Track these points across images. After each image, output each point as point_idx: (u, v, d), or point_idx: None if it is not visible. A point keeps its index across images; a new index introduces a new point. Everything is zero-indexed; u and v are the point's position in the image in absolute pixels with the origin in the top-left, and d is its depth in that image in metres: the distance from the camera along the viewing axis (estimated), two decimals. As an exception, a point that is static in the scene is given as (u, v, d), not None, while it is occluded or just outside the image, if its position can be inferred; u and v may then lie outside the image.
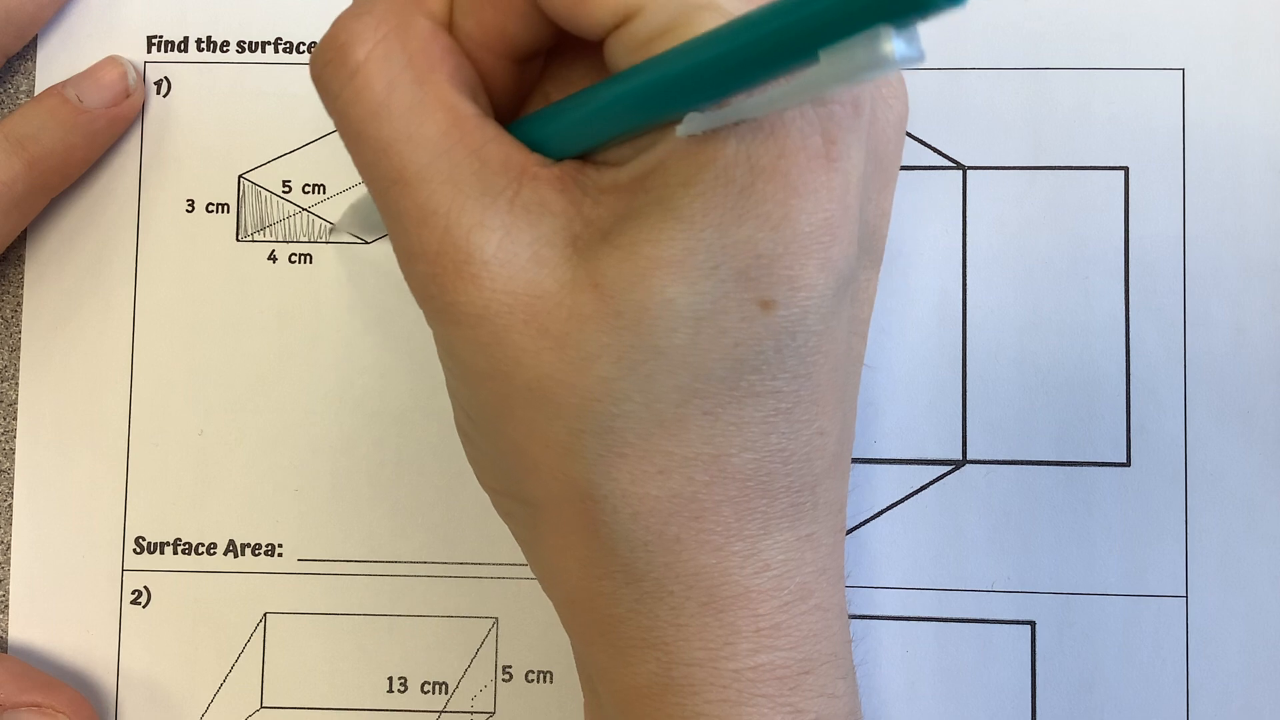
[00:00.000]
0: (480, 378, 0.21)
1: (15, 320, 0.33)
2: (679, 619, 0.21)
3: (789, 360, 0.20)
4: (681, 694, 0.21)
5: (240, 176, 0.33)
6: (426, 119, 0.21)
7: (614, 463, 0.21)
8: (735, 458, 0.21)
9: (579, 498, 0.21)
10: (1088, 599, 0.31)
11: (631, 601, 0.22)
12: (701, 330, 0.20)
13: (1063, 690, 0.31)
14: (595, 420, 0.20)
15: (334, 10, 0.32)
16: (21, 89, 0.33)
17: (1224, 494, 0.31)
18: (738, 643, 0.21)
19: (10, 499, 0.32)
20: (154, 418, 0.32)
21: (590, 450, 0.21)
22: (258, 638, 0.32)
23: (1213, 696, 0.30)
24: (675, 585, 0.21)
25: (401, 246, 0.22)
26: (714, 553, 0.21)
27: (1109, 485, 0.31)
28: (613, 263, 0.20)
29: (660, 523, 0.21)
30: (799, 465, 0.21)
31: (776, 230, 0.19)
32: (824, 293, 0.20)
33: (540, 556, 0.23)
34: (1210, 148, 0.31)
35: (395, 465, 0.32)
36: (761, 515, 0.21)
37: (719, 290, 0.19)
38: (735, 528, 0.21)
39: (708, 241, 0.19)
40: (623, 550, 0.21)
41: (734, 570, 0.21)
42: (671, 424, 0.20)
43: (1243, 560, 0.31)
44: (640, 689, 0.22)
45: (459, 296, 0.21)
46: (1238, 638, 0.31)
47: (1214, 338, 0.31)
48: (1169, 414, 0.31)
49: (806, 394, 0.21)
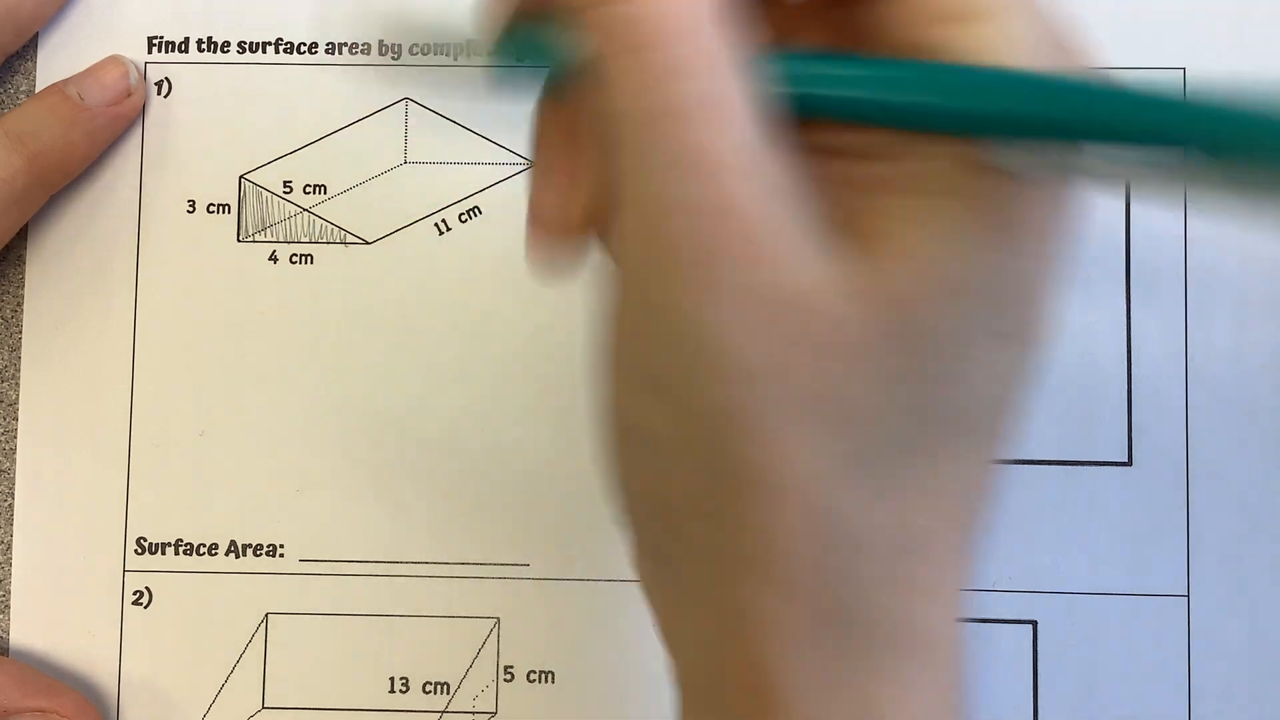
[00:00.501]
0: (739, 375, 0.18)
1: (15, 320, 0.33)
2: (883, 667, 0.19)
3: (1009, 396, 0.20)
4: None
5: (241, 177, 0.32)
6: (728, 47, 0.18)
7: (874, 494, 0.18)
8: (959, 496, 0.19)
9: (823, 528, 0.18)
10: (1089, 598, 0.31)
11: (837, 646, 0.19)
12: (972, 359, 0.18)
13: (1064, 689, 0.31)
14: (870, 446, 0.18)
15: (334, 10, 0.33)
16: (21, 88, 0.33)
17: (1225, 493, 0.31)
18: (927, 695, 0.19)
19: (10, 499, 0.32)
20: (155, 418, 0.32)
21: (855, 479, 0.18)
22: (259, 638, 0.32)
23: (1214, 696, 0.30)
24: (889, 631, 0.19)
25: (666, 193, 0.18)
26: (929, 598, 0.19)
27: (1110, 485, 0.31)
28: (910, 275, 0.18)
29: (901, 559, 0.19)
30: (985, 510, 0.20)
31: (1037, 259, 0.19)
32: (1049, 330, 0.19)
33: (722, 593, 0.19)
34: (1211, 147, 0.31)
35: (396, 465, 0.32)
36: (959, 557, 0.20)
37: (986, 317, 0.18)
38: (946, 572, 0.20)
39: (990, 260, 0.18)
40: (850, 589, 0.19)
41: (936, 618, 0.20)
42: (927, 457, 0.19)
43: (1244, 559, 0.31)
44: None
45: (746, 276, 0.17)
46: (1239, 637, 0.31)
47: (1215, 337, 0.31)
48: (1170, 413, 0.31)
49: (999, 437, 0.20)
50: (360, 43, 0.33)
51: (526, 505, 0.32)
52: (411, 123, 0.32)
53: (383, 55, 0.33)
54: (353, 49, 0.33)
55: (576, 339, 0.32)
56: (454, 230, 0.32)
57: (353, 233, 0.32)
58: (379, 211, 0.32)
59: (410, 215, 0.32)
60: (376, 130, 0.32)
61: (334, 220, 0.32)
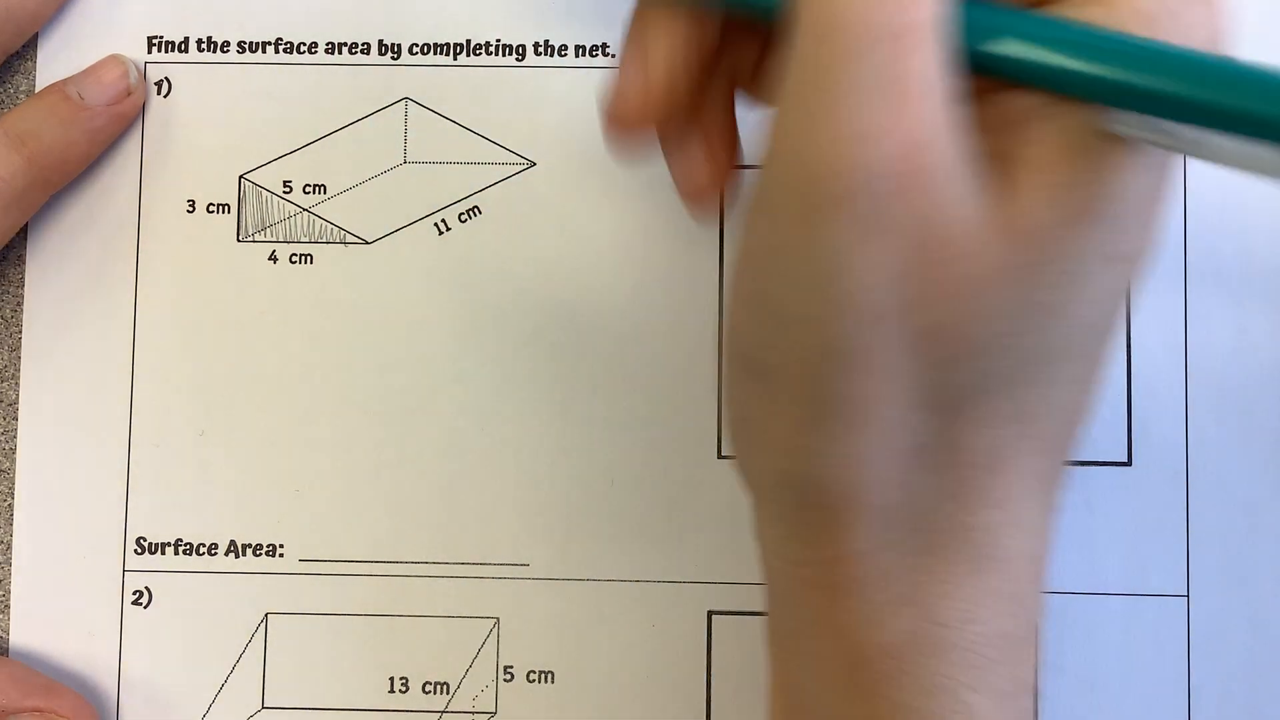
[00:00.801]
0: (861, 311, 0.18)
1: (15, 320, 0.33)
2: (948, 576, 0.21)
3: (1109, 320, 0.21)
4: (928, 655, 0.21)
5: (241, 177, 0.32)
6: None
7: (956, 414, 0.20)
8: (1043, 417, 0.20)
9: (903, 452, 0.20)
10: (1089, 598, 0.31)
11: (911, 553, 0.21)
12: (1080, 288, 0.19)
13: (1064, 689, 0.31)
14: (973, 372, 0.19)
15: (334, 10, 0.33)
16: (21, 88, 0.33)
17: (1225, 493, 0.31)
18: (991, 606, 0.21)
19: (11, 499, 0.32)
20: (154, 418, 0.32)
21: (942, 401, 0.20)
22: (259, 638, 0.32)
23: (1214, 696, 0.30)
24: (955, 540, 0.20)
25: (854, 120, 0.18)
26: (999, 511, 0.21)
27: (1110, 484, 0.31)
28: (1042, 209, 0.19)
29: (973, 476, 0.20)
30: (1074, 431, 0.21)
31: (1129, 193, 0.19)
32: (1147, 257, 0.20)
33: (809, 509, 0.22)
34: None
35: (396, 465, 0.32)
36: (1037, 477, 0.21)
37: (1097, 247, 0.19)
38: (1020, 488, 0.21)
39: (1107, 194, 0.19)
40: (926, 501, 0.20)
41: (1001, 530, 0.21)
42: (1021, 380, 0.20)
43: (1244, 559, 0.31)
44: (884, 647, 0.21)
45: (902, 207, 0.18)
46: (1239, 637, 0.31)
47: (1215, 337, 0.31)
48: (1170, 413, 0.31)
49: (1100, 359, 0.21)
50: (360, 43, 0.33)
51: (526, 505, 0.32)
52: (411, 123, 0.32)
53: (383, 55, 0.33)
54: (353, 49, 0.33)
55: (576, 339, 0.32)
56: (454, 230, 0.32)
57: (352, 233, 0.32)
58: (379, 211, 0.32)
59: (410, 215, 0.32)
60: (376, 130, 0.32)
61: (334, 220, 0.32)
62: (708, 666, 0.31)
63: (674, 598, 0.31)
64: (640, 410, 0.32)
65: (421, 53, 0.33)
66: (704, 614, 0.31)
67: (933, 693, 0.21)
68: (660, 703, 0.31)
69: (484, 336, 0.32)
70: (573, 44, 0.32)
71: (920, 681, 0.21)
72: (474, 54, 0.33)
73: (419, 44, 0.33)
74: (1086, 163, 0.19)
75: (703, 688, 0.31)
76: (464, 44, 0.33)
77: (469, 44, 0.33)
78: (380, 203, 0.32)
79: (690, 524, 0.31)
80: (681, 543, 0.31)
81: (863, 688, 0.21)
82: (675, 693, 0.31)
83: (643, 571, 0.31)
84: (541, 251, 0.32)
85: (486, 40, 0.33)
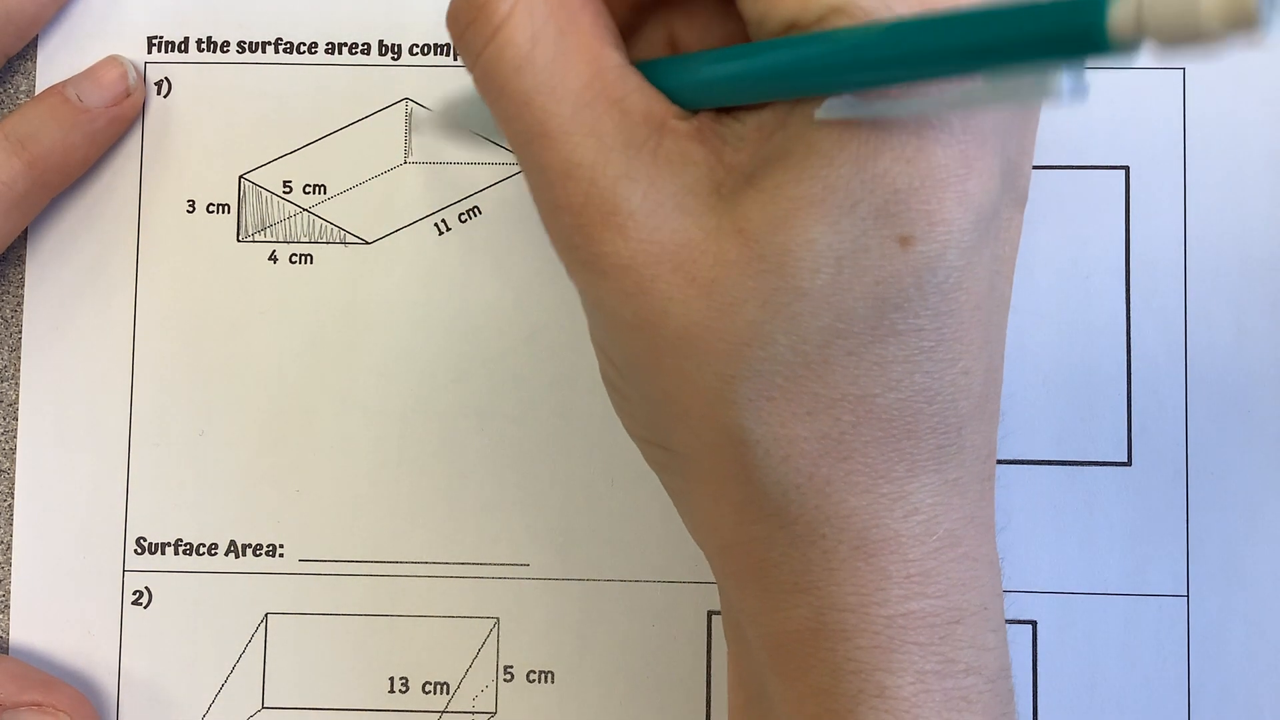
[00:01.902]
0: (628, 328, 0.21)
1: (15, 320, 0.33)
2: (830, 563, 0.21)
3: (930, 297, 0.20)
4: (833, 639, 0.21)
5: (241, 177, 0.33)
6: (570, 71, 0.21)
7: (763, 406, 0.21)
8: (880, 398, 0.21)
9: (731, 443, 0.21)
10: (1089, 598, 0.31)
11: (784, 546, 0.22)
12: (843, 269, 0.20)
13: (1064, 689, 0.31)
14: (744, 365, 0.21)
15: (334, 10, 0.33)
16: (21, 89, 0.33)
17: (1225, 493, 0.31)
18: (889, 588, 0.21)
19: (10, 499, 0.32)
20: (154, 418, 0.32)
21: (740, 395, 0.21)
22: (259, 638, 0.32)
23: (1214, 696, 0.30)
24: (826, 528, 0.21)
25: (545, 199, 0.22)
26: (863, 494, 0.21)
27: (1110, 484, 0.31)
28: (756, 206, 0.20)
29: (810, 465, 0.21)
30: (944, 406, 0.21)
31: (911, 164, 0.19)
32: (963, 227, 0.20)
33: (693, 505, 0.24)
34: (1210, 147, 0.31)
35: (395, 465, 0.32)
36: (908, 457, 0.21)
37: (858, 228, 0.20)
38: (882, 469, 0.21)
39: (846, 177, 0.19)
40: (775, 494, 0.21)
41: (883, 513, 0.21)
42: (817, 365, 0.20)
43: (1244, 559, 0.31)
44: (792, 634, 0.22)
45: (605, 247, 0.21)
46: (1239, 637, 0.31)
47: (1215, 337, 0.31)
48: (1170, 413, 0.31)
49: (949, 332, 0.21)
50: (360, 43, 0.33)
51: (526, 505, 0.32)
52: (411, 123, 0.32)
53: (383, 55, 0.33)
54: (353, 49, 0.33)
55: (576, 339, 0.32)
56: (454, 230, 0.32)
57: (352, 233, 0.32)
58: (379, 211, 0.32)
59: (410, 215, 0.32)
60: (376, 130, 0.32)
61: (334, 220, 0.32)
62: (708, 666, 0.31)
63: (674, 598, 0.31)
64: (640, 410, 0.32)
65: (421, 53, 0.33)
66: (704, 614, 0.31)
67: (843, 675, 0.21)
68: (660, 703, 0.31)
69: (484, 336, 0.32)
70: (572, 44, 0.32)
71: (829, 665, 0.22)
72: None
73: (419, 44, 0.33)
74: (795, 169, 0.20)
75: (703, 688, 0.31)
76: None
77: None
78: (380, 203, 0.32)
79: (690, 524, 0.31)
80: (681, 543, 0.31)
81: (785, 672, 0.22)
82: (675, 693, 0.31)
83: (643, 571, 0.31)
84: (541, 251, 0.32)
85: (486, 40, 0.32)
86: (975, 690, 0.22)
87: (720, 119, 0.21)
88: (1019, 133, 0.22)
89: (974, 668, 0.22)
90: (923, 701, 0.21)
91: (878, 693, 0.21)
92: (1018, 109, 0.17)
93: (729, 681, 0.25)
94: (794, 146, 0.20)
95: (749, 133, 0.21)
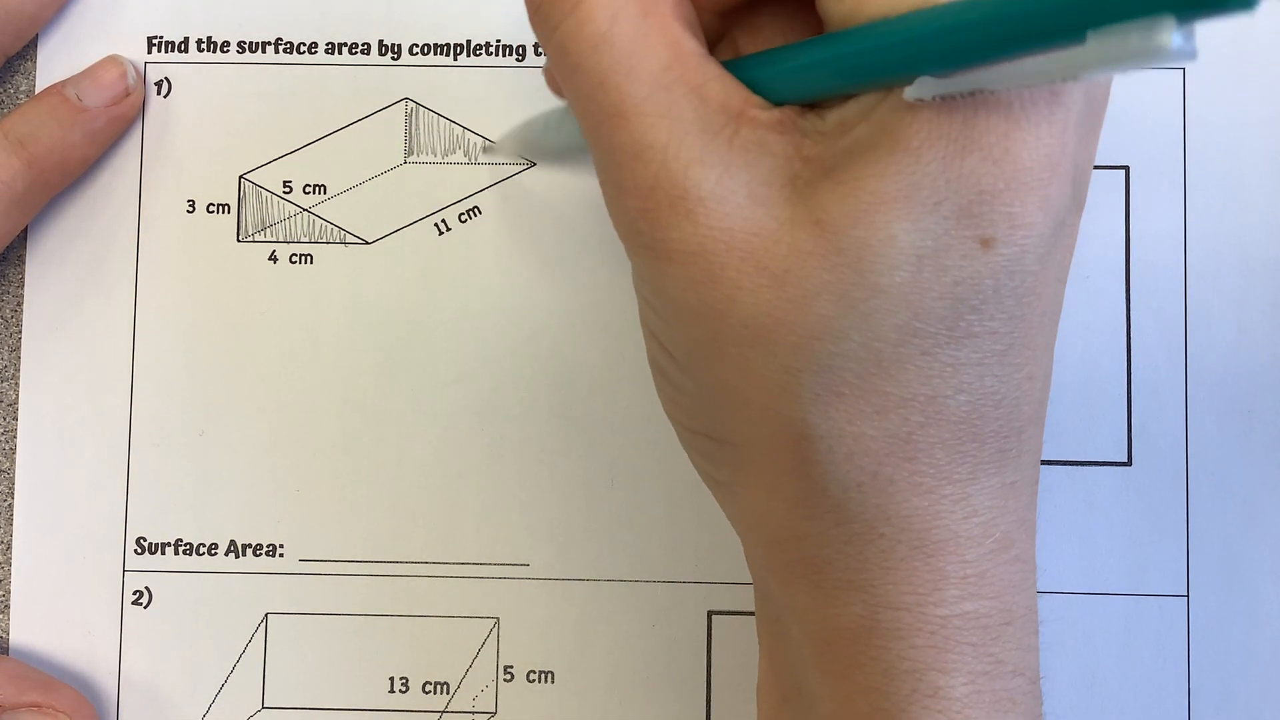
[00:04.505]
0: (691, 315, 0.21)
1: (15, 320, 0.33)
2: (888, 561, 0.21)
3: (1006, 301, 0.20)
4: (886, 638, 0.21)
5: (241, 177, 0.32)
6: (649, 53, 0.21)
7: (831, 402, 0.20)
8: (950, 399, 0.20)
9: (792, 437, 0.21)
10: (1089, 598, 0.31)
11: (841, 543, 0.21)
12: (923, 268, 0.19)
13: (1064, 689, 0.31)
14: (813, 359, 0.20)
15: (334, 11, 0.33)
16: (21, 89, 0.33)
17: (1225, 493, 0.31)
18: (945, 589, 0.21)
19: (10, 499, 0.32)
20: (154, 418, 0.32)
21: (807, 389, 0.20)
22: (259, 638, 0.32)
23: (1214, 696, 0.30)
24: (886, 527, 0.21)
25: (612, 180, 0.21)
26: (925, 495, 0.21)
27: (1110, 484, 0.31)
28: (835, 199, 0.20)
29: (875, 463, 0.21)
30: (1009, 410, 0.21)
31: (998, 165, 0.19)
32: (1042, 232, 0.20)
33: (741, 498, 0.23)
34: (1210, 147, 0.31)
35: (395, 465, 0.32)
36: (971, 459, 0.21)
37: (941, 227, 0.19)
38: (946, 471, 0.21)
39: (932, 175, 0.19)
40: (835, 491, 0.21)
41: (944, 514, 0.21)
42: (889, 363, 0.20)
43: (1244, 559, 0.31)
44: (844, 630, 0.22)
45: (673, 232, 0.21)
46: (1239, 637, 0.31)
47: (1215, 337, 0.31)
48: (1170, 413, 0.31)
49: (1020, 337, 0.21)
50: (360, 43, 0.33)
51: (526, 505, 0.32)
52: (411, 123, 0.32)
53: (383, 55, 0.33)
54: (353, 49, 0.33)
55: (576, 339, 0.32)
56: (454, 230, 0.32)
57: (353, 233, 0.32)
58: (379, 211, 0.32)
59: (410, 215, 0.32)
60: (376, 130, 0.32)
61: (334, 220, 0.32)
62: (708, 666, 0.31)
63: (674, 598, 0.31)
64: (640, 410, 0.32)
65: (421, 53, 0.33)
66: (704, 614, 0.31)
67: (896, 675, 0.21)
68: (660, 703, 0.31)
69: (484, 336, 0.32)
70: (573, 44, 0.32)
71: (882, 664, 0.21)
72: (474, 54, 0.33)
73: (419, 44, 0.33)
74: (878, 163, 0.19)
75: (703, 688, 0.31)
76: (464, 44, 0.33)
77: (469, 44, 0.33)
78: (380, 203, 0.32)
79: (690, 524, 0.31)
80: (681, 543, 0.31)
81: (833, 669, 0.22)
82: (675, 693, 0.31)
83: (643, 571, 0.31)
84: (541, 251, 0.32)
85: (486, 40, 0.33)
86: (1020, 691, 0.22)
87: (802, 113, 0.21)
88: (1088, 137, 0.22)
89: (1019, 669, 0.22)
90: (974, 702, 0.21)
91: (931, 693, 0.21)
92: (1119, 72, 0.17)
93: (761, 677, 0.25)
94: (878, 141, 0.19)
95: (830, 127, 0.20)
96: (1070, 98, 0.20)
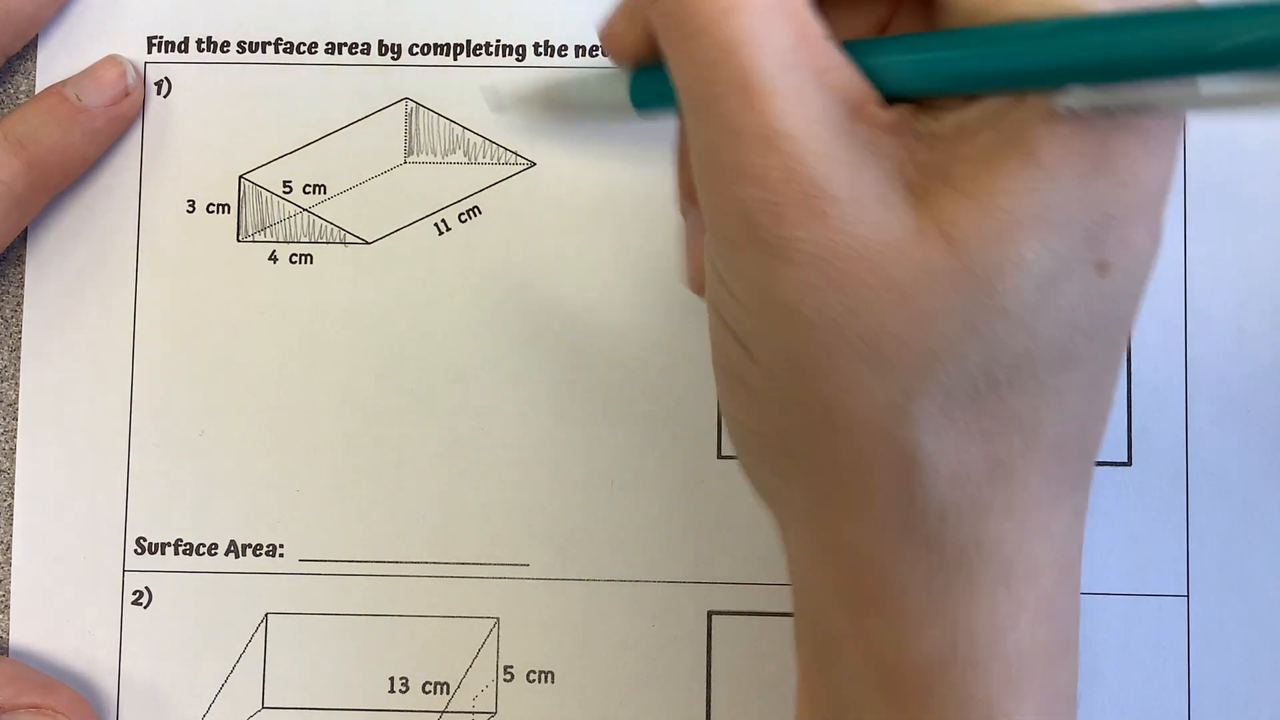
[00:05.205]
0: (802, 324, 0.19)
1: (15, 320, 0.33)
2: (973, 590, 0.20)
3: (1110, 327, 0.20)
4: (963, 668, 0.20)
5: (241, 177, 0.32)
6: (780, 28, 0.19)
7: (943, 425, 0.19)
8: (1050, 425, 0.20)
9: (897, 460, 0.20)
10: (1088, 598, 0.31)
11: (928, 570, 0.20)
12: (1045, 292, 0.19)
13: (1064, 690, 0.31)
14: (930, 380, 0.19)
15: (334, 11, 0.33)
16: (21, 89, 0.33)
17: (1225, 493, 0.31)
18: (1021, 617, 0.20)
19: (10, 499, 0.32)
20: (154, 418, 0.32)
21: (921, 411, 0.19)
22: (259, 638, 0.32)
23: (1214, 696, 0.30)
24: (975, 554, 0.20)
25: (729, 163, 0.19)
26: (1016, 521, 0.20)
27: (1110, 484, 0.31)
28: (964, 213, 0.19)
29: (975, 489, 0.20)
30: (1090, 436, 0.21)
31: (1126, 188, 0.18)
32: (1150, 259, 0.19)
33: (819, 520, 0.22)
34: (1210, 147, 0.31)
35: (395, 465, 0.32)
36: (1055, 485, 0.20)
37: (1066, 250, 0.18)
38: (1036, 496, 0.20)
39: (1064, 195, 0.18)
40: (932, 517, 0.20)
41: (1026, 541, 0.20)
42: (1002, 387, 0.19)
43: (1244, 559, 0.31)
44: (917, 661, 0.21)
45: (799, 232, 0.19)
46: (1239, 637, 0.31)
47: (1215, 337, 0.31)
48: (1170, 413, 0.31)
49: (1113, 363, 0.20)
50: (360, 43, 0.33)
51: (526, 505, 0.32)
52: (411, 123, 0.32)
53: (383, 55, 0.33)
54: (353, 49, 0.33)
55: (576, 339, 0.32)
56: (454, 230, 0.32)
57: (353, 233, 0.32)
58: (379, 211, 0.32)
59: (410, 215, 0.32)
60: (376, 130, 0.32)
61: (334, 220, 0.32)
62: (708, 666, 0.31)
63: (674, 598, 0.31)
64: (640, 410, 0.32)
65: (421, 53, 0.33)
66: (704, 614, 0.31)
67: (968, 708, 0.20)
68: (660, 703, 0.31)
69: (484, 336, 0.32)
70: (573, 44, 0.32)
71: (955, 697, 0.20)
72: (474, 54, 0.33)
73: (419, 44, 0.33)
74: (1011, 179, 0.18)
75: (703, 688, 0.31)
76: (464, 44, 0.33)
77: (469, 44, 0.33)
78: (380, 203, 0.32)
79: (690, 524, 0.31)
80: (681, 543, 0.31)
81: (897, 701, 0.21)
82: (675, 693, 0.31)
83: (643, 571, 0.31)
84: (541, 251, 0.32)
85: (486, 40, 0.33)
86: (1067, 717, 0.22)
87: (917, 115, 0.20)
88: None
89: (1067, 695, 0.21)
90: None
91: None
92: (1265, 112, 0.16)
93: (799, 700, 0.24)
94: (1009, 153, 0.18)
95: (948, 131, 0.19)
96: (1180, 123, 0.19)
